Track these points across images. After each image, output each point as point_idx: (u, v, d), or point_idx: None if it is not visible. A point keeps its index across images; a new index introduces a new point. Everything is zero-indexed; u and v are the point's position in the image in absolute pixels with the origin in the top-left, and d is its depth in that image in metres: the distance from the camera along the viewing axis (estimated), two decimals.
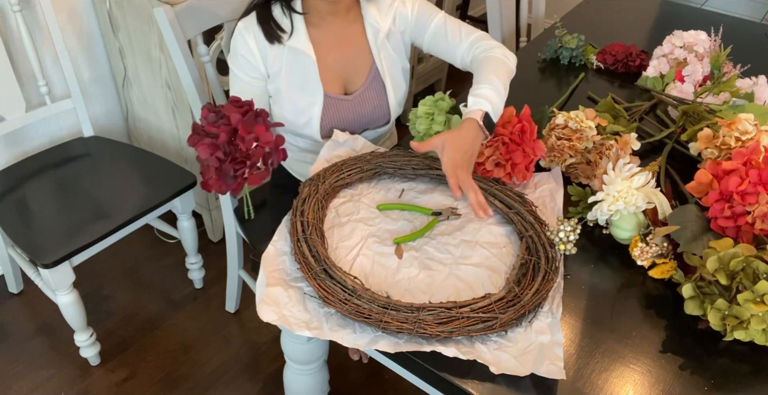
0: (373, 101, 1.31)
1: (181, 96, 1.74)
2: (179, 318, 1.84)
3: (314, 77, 1.25)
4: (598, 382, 0.87)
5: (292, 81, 1.25)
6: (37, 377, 1.65)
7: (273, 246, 1.02)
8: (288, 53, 1.23)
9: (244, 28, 1.21)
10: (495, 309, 0.91)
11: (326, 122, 1.29)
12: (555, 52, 1.66)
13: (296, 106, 1.27)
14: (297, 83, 1.26)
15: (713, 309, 0.90)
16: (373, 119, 1.34)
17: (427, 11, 1.29)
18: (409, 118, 1.23)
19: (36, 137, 1.84)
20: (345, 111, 1.30)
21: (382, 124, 1.37)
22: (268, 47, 1.22)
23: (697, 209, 1.03)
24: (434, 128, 1.18)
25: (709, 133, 1.18)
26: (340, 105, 1.29)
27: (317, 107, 1.27)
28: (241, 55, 1.23)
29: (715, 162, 1.04)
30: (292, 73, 1.25)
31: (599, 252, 1.08)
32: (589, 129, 1.20)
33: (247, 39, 1.21)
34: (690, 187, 1.06)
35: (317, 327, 0.90)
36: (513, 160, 1.12)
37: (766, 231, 0.98)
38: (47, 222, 1.48)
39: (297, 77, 1.25)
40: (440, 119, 1.17)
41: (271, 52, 1.23)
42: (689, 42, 1.48)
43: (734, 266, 0.90)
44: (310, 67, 1.24)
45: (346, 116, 1.30)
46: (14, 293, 1.88)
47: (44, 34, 1.68)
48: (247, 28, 1.21)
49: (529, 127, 1.12)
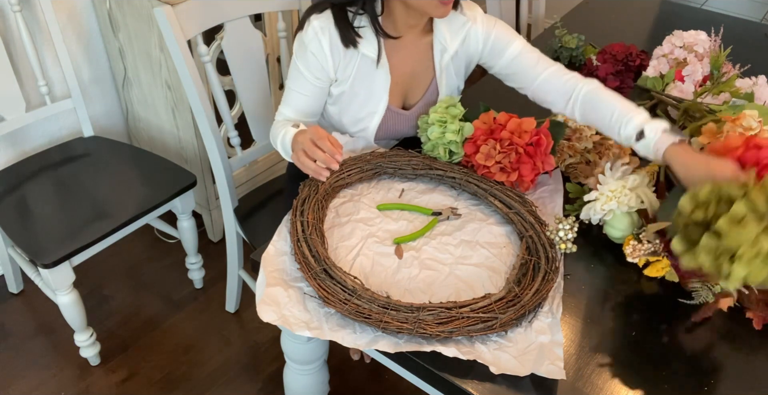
0: None
1: (181, 96, 1.74)
2: (179, 319, 1.84)
3: (383, 89, 1.22)
4: (598, 382, 0.87)
5: (358, 89, 1.22)
6: (37, 377, 1.65)
7: (273, 246, 1.02)
8: (361, 61, 1.19)
9: (319, 28, 1.14)
10: (495, 309, 0.91)
11: (382, 132, 1.29)
12: (555, 52, 1.66)
13: (356, 115, 1.25)
14: (363, 92, 1.22)
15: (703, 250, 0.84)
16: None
17: (506, 37, 1.21)
18: (419, 124, 1.23)
19: (36, 137, 1.84)
20: (401, 125, 1.29)
21: None
22: (342, 52, 1.17)
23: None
24: (447, 137, 1.16)
25: (714, 126, 1.17)
26: (398, 118, 1.28)
27: (377, 118, 1.25)
28: (311, 53, 1.16)
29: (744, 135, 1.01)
30: (361, 81, 1.21)
31: (599, 252, 1.08)
32: (588, 129, 1.20)
33: (321, 39, 1.15)
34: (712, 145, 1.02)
35: (317, 327, 0.90)
36: (521, 171, 1.12)
37: None
38: (47, 222, 1.48)
39: (365, 85, 1.22)
40: (453, 127, 1.16)
41: (345, 57, 1.18)
42: (689, 42, 1.48)
43: (705, 196, 0.85)
44: (383, 78, 1.21)
45: (401, 129, 1.30)
46: (14, 293, 1.88)
47: (44, 34, 1.68)
48: (323, 28, 1.14)
49: (545, 141, 1.11)
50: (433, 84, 1.27)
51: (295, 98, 1.22)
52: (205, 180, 1.92)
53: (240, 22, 1.39)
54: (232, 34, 1.39)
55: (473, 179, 1.16)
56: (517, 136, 1.11)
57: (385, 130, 1.28)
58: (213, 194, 1.97)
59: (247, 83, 1.48)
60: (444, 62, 1.24)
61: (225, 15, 1.35)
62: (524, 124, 1.12)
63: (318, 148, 1.01)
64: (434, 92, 1.28)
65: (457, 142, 1.17)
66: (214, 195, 1.97)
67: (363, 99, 1.23)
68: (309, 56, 1.17)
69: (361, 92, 1.22)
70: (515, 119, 1.13)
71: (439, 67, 1.25)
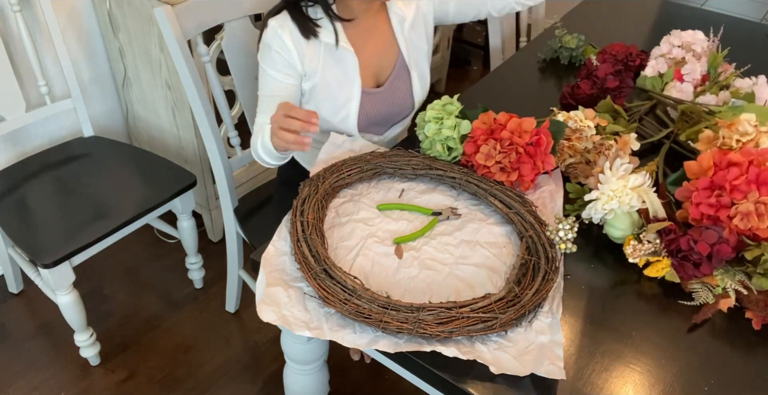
0: (401, 90, 1.32)
1: (181, 96, 1.74)
2: (179, 318, 1.84)
3: (354, 73, 1.25)
4: (598, 382, 0.87)
5: (330, 78, 1.25)
6: (37, 377, 1.66)
7: (273, 246, 1.02)
8: (325, 51, 1.23)
9: (278, 26, 1.19)
10: (495, 309, 0.91)
11: (363, 117, 1.30)
12: (555, 52, 1.66)
13: (334, 103, 1.27)
14: (335, 80, 1.25)
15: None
16: (403, 108, 1.36)
17: None
18: (417, 122, 1.23)
19: (36, 137, 1.84)
20: (379, 103, 1.31)
21: (408, 113, 1.39)
22: (304, 45, 1.20)
23: None
24: (444, 132, 1.17)
25: (710, 134, 1.18)
26: (374, 98, 1.30)
27: (354, 102, 1.27)
28: (275, 52, 1.20)
29: (723, 151, 1.04)
30: (331, 70, 1.24)
31: (599, 252, 1.08)
32: (588, 129, 1.20)
33: (281, 35, 1.19)
34: (688, 164, 1.06)
35: (317, 327, 0.90)
36: (521, 171, 1.12)
37: (741, 230, 0.98)
38: (47, 222, 1.48)
39: (336, 74, 1.25)
40: (449, 123, 1.17)
41: (308, 49, 1.21)
42: (687, 41, 1.48)
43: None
44: (351, 63, 1.24)
45: (380, 108, 1.32)
46: (14, 293, 1.88)
47: (44, 34, 1.68)
48: (281, 26, 1.19)
49: (545, 141, 1.12)
50: (400, 56, 1.31)
51: (268, 103, 1.24)
52: (205, 180, 1.92)
53: (240, 22, 1.39)
54: (232, 34, 1.39)
55: (473, 179, 1.16)
56: (518, 135, 1.11)
57: (365, 115, 1.30)
58: (213, 194, 1.97)
59: (247, 83, 1.48)
60: (405, 32, 1.29)
61: (225, 15, 1.35)
62: (524, 124, 1.12)
63: (292, 117, 0.99)
64: (403, 65, 1.31)
65: (454, 137, 1.17)
66: (214, 195, 1.97)
67: (336, 87, 1.25)
68: (274, 55, 1.20)
69: (332, 81, 1.25)
70: (515, 119, 1.13)
71: (402, 39, 1.29)
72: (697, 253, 0.96)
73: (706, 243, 0.96)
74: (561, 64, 1.65)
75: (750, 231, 0.98)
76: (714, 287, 0.98)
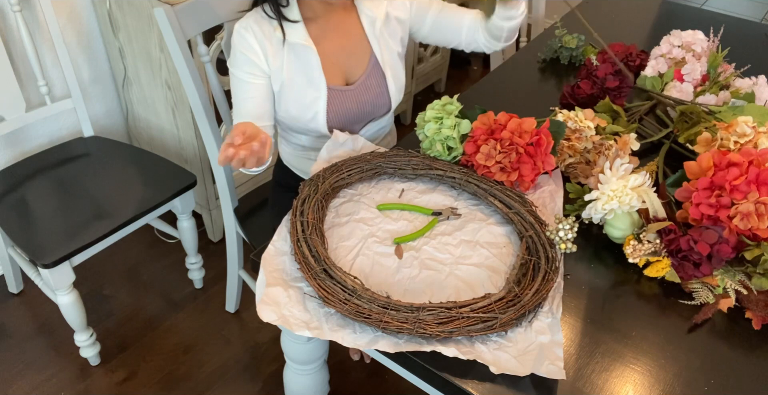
0: (374, 89, 1.32)
1: (181, 96, 1.74)
2: (179, 318, 1.84)
3: (317, 70, 1.26)
4: (598, 382, 0.87)
5: (295, 76, 1.26)
6: (37, 377, 1.66)
7: (273, 246, 1.02)
8: (288, 49, 1.24)
9: (242, 28, 1.22)
10: (495, 309, 0.91)
11: (332, 115, 1.30)
12: (555, 52, 1.66)
13: (301, 102, 1.28)
14: (300, 78, 1.26)
15: None
16: (376, 107, 1.35)
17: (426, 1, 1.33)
18: (416, 122, 1.23)
19: (36, 137, 1.84)
20: (349, 102, 1.31)
21: (383, 113, 1.38)
22: (268, 44, 1.22)
23: None
24: (444, 132, 1.17)
25: (708, 136, 1.18)
26: (344, 96, 1.30)
27: (321, 100, 1.27)
28: (241, 53, 1.23)
29: (722, 151, 1.04)
30: (295, 68, 1.25)
31: (599, 252, 1.08)
32: (588, 129, 1.20)
33: (245, 36, 1.21)
34: (688, 164, 1.06)
35: (317, 327, 0.90)
36: (521, 171, 1.12)
37: (740, 230, 0.98)
38: (47, 222, 1.48)
39: (299, 72, 1.26)
40: (449, 122, 1.17)
41: (271, 48, 1.23)
42: (687, 41, 1.48)
43: None
44: (312, 60, 1.25)
45: (351, 107, 1.31)
46: (14, 293, 1.88)
47: (44, 34, 1.68)
48: (245, 27, 1.22)
49: (545, 141, 1.12)
50: (372, 56, 1.31)
51: (241, 105, 1.25)
52: (205, 180, 1.92)
53: None
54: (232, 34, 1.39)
55: (473, 179, 1.16)
56: (518, 135, 1.11)
57: (335, 113, 1.30)
58: (213, 194, 1.97)
59: None
60: (377, 31, 1.29)
61: (225, 15, 1.35)
62: (524, 124, 1.12)
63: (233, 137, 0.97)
64: (375, 63, 1.32)
65: (454, 137, 1.17)
66: (214, 195, 1.97)
67: (302, 85, 1.26)
68: (239, 56, 1.23)
69: (297, 79, 1.26)
70: (515, 119, 1.13)
71: (374, 37, 1.30)
72: (697, 253, 0.96)
73: (706, 243, 0.96)
74: (561, 64, 1.65)
75: (750, 232, 0.98)
76: (714, 287, 0.98)
